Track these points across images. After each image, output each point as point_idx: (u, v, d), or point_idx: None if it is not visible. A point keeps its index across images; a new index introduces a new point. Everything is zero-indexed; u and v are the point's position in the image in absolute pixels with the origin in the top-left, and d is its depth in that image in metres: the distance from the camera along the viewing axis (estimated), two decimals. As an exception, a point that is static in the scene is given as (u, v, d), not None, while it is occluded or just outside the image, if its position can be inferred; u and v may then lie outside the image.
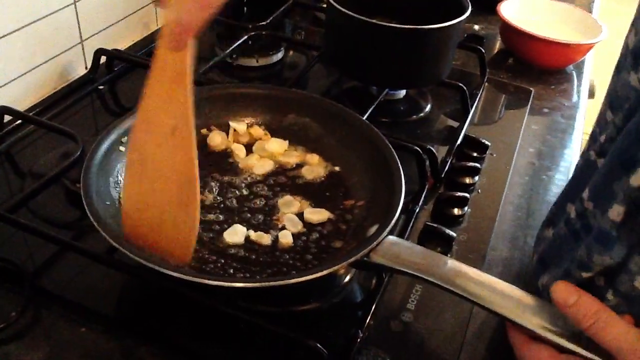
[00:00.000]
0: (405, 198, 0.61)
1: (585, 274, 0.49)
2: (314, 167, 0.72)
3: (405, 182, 0.63)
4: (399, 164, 0.64)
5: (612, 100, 0.52)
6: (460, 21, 0.83)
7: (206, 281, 0.51)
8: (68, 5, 0.87)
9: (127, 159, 0.56)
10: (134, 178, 0.55)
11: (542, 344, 0.48)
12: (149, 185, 0.55)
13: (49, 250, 0.63)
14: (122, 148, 0.66)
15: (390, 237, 0.56)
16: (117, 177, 0.65)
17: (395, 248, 0.55)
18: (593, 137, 0.56)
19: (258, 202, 0.67)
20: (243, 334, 0.58)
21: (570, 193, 0.56)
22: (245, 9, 1.15)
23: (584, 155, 0.57)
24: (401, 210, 0.59)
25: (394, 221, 0.57)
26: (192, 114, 0.52)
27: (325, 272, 0.52)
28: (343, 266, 0.54)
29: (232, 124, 0.75)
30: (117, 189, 0.64)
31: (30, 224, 0.62)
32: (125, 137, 0.65)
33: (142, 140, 0.54)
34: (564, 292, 0.47)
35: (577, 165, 0.61)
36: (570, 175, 0.85)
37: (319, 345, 0.53)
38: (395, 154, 0.66)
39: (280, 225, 0.65)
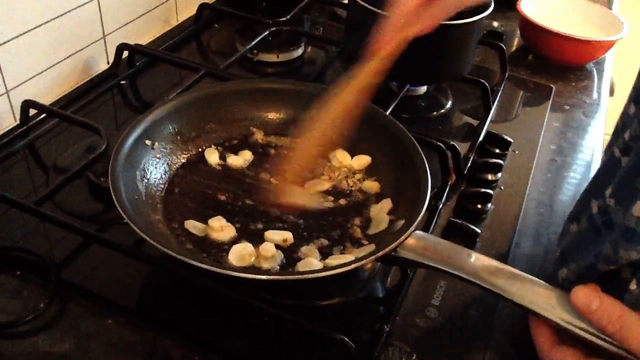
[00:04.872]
0: (428, 194, 0.61)
1: (609, 267, 0.49)
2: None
3: (429, 178, 0.63)
4: (424, 159, 0.64)
5: (638, 95, 0.52)
6: (483, 17, 0.82)
7: (233, 273, 0.51)
8: (91, 0, 0.87)
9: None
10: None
11: (566, 347, 0.48)
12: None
13: (72, 243, 0.63)
14: (147, 142, 0.66)
15: (418, 232, 0.56)
16: (144, 170, 0.65)
17: (422, 242, 0.55)
18: (616, 132, 0.56)
19: None
20: (267, 326, 0.58)
21: (593, 189, 0.56)
22: (263, 3, 1.15)
23: (608, 151, 0.56)
24: (425, 206, 0.59)
25: (421, 215, 0.57)
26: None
27: (353, 267, 0.52)
28: (371, 260, 0.54)
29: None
30: (144, 181, 0.64)
31: (60, 217, 0.63)
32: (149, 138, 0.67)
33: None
34: (585, 297, 0.47)
35: (601, 161, 0.60)
36: (592, 171, 0.85)
37: (346, 338, 0.53)
38: (420, 149, 0.66)
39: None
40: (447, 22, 0.78)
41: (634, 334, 0.44)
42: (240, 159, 0.72)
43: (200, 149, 0.72)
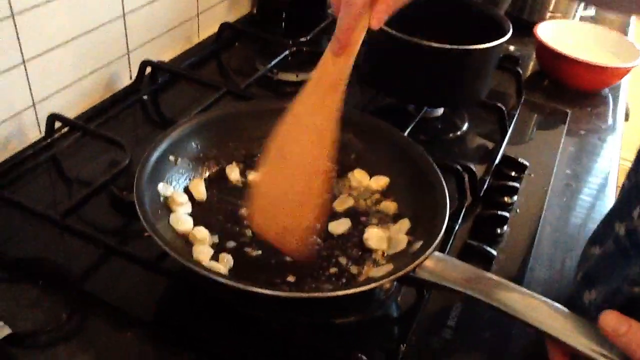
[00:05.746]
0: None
1: (636, 289, 0.49)
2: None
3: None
4: (443, 181, 0.65)
5: None
6: (502, 42, 0.83)
7: (254, 289, 0.52)
8: (118, 18, 0.90)
9: (267, 147, 0.60)
10: (271, 164, 0.60)
11: None
12: (280, 172, 0.60)
13: (93, 255, 0.64)
14: (171, 157, 0.67)
15: (436, 253, 0.56)
16: (167, 185, 0.66)
17: (440, 264, 0.56)
18: (639, 155, 0.56)
19: None
20: (284, 341, 0.59)
21: (618, 211, 0.56)
22: (283, 24, 1.17)
23: (632, 173, 0.57)
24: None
25: (440, 236, 0.57)
26: (337, 119, 0.58)
27: (372, 286, 0.53)
28: (389, 281, 0.54)
29: None
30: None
31: (87, 230, 0.64)
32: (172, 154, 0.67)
33: (285, 132, 0.59)
34: (614, 321, 0.46)
35: (624, 183, 0.61)
36: (607, 195, 0.86)
37: (364, 357, 0.53)
38: (438, 171, 0.67)
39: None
40: (467, 47, 0.80)
41: None
42: None
43: (221, 166, 0.73)
